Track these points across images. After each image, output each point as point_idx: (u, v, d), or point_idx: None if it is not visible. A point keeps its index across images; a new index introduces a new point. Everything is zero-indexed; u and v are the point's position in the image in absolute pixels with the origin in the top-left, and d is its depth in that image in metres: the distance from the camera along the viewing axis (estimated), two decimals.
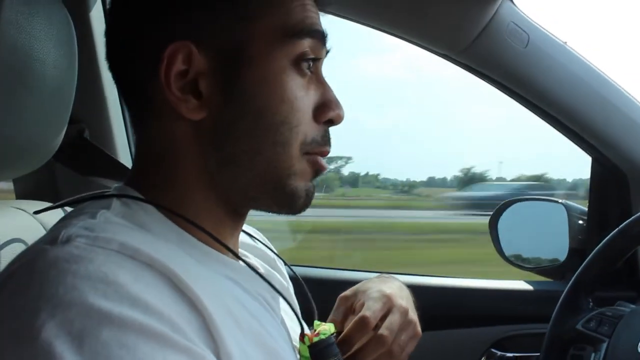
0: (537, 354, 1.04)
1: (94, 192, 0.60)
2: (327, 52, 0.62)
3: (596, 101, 1.22)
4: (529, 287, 1.41)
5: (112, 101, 1.19)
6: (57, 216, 0.68)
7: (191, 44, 0.55)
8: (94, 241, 0.47)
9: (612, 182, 1.33)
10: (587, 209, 1.40)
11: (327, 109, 0.60)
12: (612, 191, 1.34)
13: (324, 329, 0.63)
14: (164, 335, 0.43)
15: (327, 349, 0.61)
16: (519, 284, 1.43)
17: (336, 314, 0.74)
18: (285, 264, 0.79)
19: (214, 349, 0.47)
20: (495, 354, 1.34)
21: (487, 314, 1.38)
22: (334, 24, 0.65)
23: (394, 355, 0.69)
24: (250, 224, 0.75)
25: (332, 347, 0.62)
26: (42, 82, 0.61)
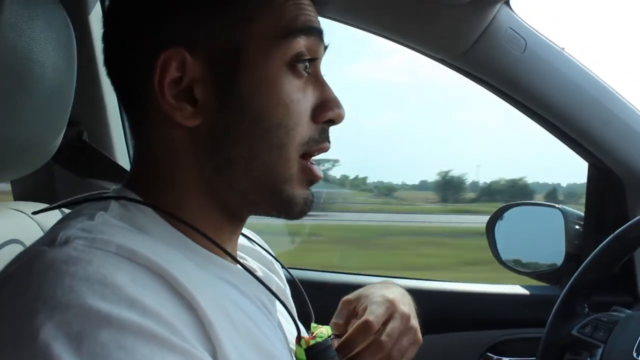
0: (533, 359, 1.04)
1: (91, 193, 0.60)
2: (326, 48, 0.61)
3: (593, 107, 1.23)
4: (525, 292, 1.42)
5: (111, 103, 1.19)
6: (55, 218, 0.68)
7: (184, 51, 0.55)
8: (92, 243, 0.47)
9: (609, 188, 1.34)
10: (584, 214, 1.40)
11: (327, 108, 0.59)
12: (609, 196, 1.35)
13: (321, 331, 0.63)
14: (162, 337, 0.43)
15: (323, 352, 0.61)
16: (515, 288, 1.43)
17: (339, 317, 0.74)
18: (282, 267, 0.79)
19: (212, 351, 0.47)
20: (491, 358, 1.34)
21: (484, 318, 1.38)
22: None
23: None
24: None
25: (329, 350, 0.61)
26: (42, 84, 0.61)
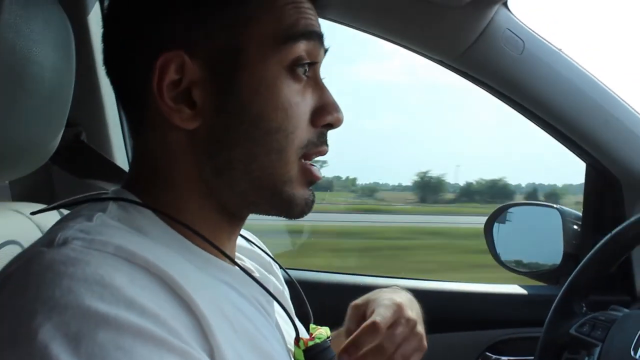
0: (532, 358, 1.05)
1: (90, 194, 0.60)
2: (326, 52, 0.61)
3: (591, 107, 1.23)
4: (524, 292, 1.42)
5: (109, 104, 1.19)
6: (53, 218, 0.68)
7: (184, 53, 0.55)
8: (90, 244, 0.47)
9: (606, 188, 1.34)
10: (582, 214, 1.40)
11: (326, 112, 0.59)
12: (606, 197, 1.35)
13: (320, 332, 0.63)
14: (161, 337, 0.43)
15: (322, 353, 0.60)
16: (514, 288, 1.44)
17: (351, 323, 0.73)
18: (280, 268, 0.79)
19: (209, 352, 0.47)
20: (490, 358, 1.35)
21: (482, 318, 1.38)
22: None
23: None
24: None
25: (328, 351, 0.61)
26: (40, 85, 0.61)
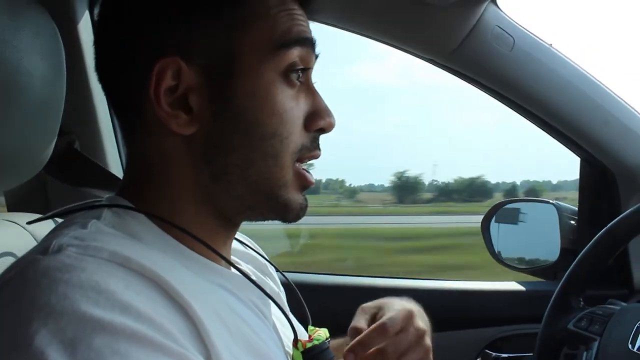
0: (532, 354, 1.05)
1: (86, 202, 0.60)
2: (317, 57, 0.62)
3: (583, 102, 1.24)
4: (522, 288, 1.42)
5: (102, 111, 1.19)
6: (48, 228, 0.68)
7: (180, 60, 0.55)
8: (85, 250, 0.47)
9: (601, 182, 1.35)
10: (577, 209, 1.41)
11: (318, 117, 0.60)
12: (601, 191, 1.36)
13: (319, 334, 0.63)
14: (156, 341, 0.43)
15: (320, 355, 0.60)
16: (512, 284, 1.44)
17: (359, 322, 0.70)
18: (277, 271, 0.79)
19: (206, 355, 0.47)
20: (490, 355, 1.35)
21: (481, 315, 1.38)
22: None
23: None
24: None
25: (326, 352, 0.61)
26: (31, 95, 0.61)
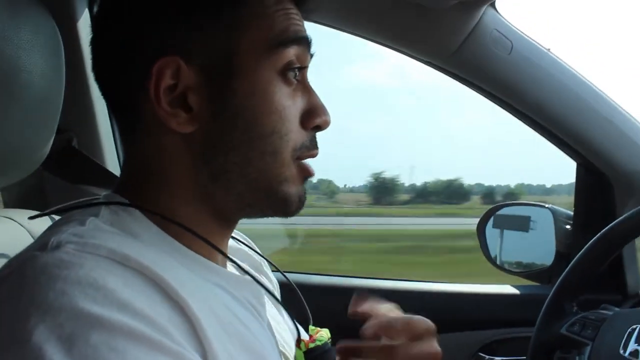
0: (525, 358, 1.05)
1: (87, 199, 0.61)
2: (312, 57, 0.63)
3: (580, 107, 1.24)
4: (516, 291, 1.43)
5: (100, 109, 1.19)
6: (46, 225, 0.68)
7: (179, 59, 0.55)
8: (83, 247, 0.47)
9: (597, 187, 1.35)
10: (573, 214, 1.41)
11: (315, 115, 0.61)
12: (597, 196, 1.36)
13: (321, 335, 0.63)
14: (153, 339, 0.43)
15: (323, 356, 0.60)
16: (506, 288, 1.44)
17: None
18: (277, 270, 0.79)
19: (202, 353, 0.47)
20: (483, 358, 1.35)
21: (475, 318, 1.39)
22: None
23: None
24: None
25: (329, 353, 0.61)
26: (30, 92, 0.61)
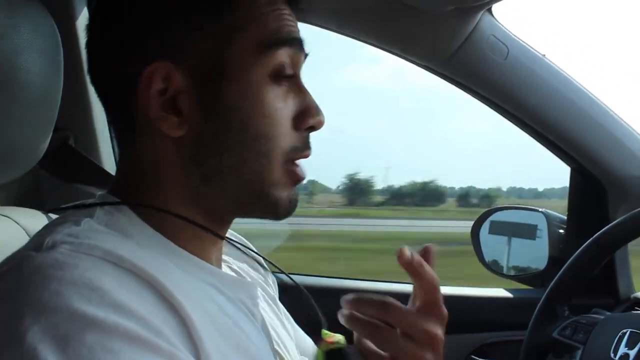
0: None
1: (93, 200, 0.61)
2: (306, 57, 0.62)
3: (574, 112, 1.25)
4: (509, 295, 1.43)
5: (97, 109, 1.19)
6: (41, 223, 0.68)
7: (169, 63, 0.55)
8: (78, 248, 0.47)
9: (590, 192, 1.36)
10: (566, 218, 1.42)
11: (308, 116, 0.60)
12: (591, 200, 1.37)
13: (339, 338, 0.63)
14: (148, 339, 0.43)
15: (344, 356, 0.61)
16: (499, 291, 1.45)
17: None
18: (282, 272, 0.79)
19: (196, 354, 0.48)
20: None
21: (468, 321, 1.39)
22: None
23: None
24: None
25: (349, 355, 0.61)
26: (27, 91, 0.61)
